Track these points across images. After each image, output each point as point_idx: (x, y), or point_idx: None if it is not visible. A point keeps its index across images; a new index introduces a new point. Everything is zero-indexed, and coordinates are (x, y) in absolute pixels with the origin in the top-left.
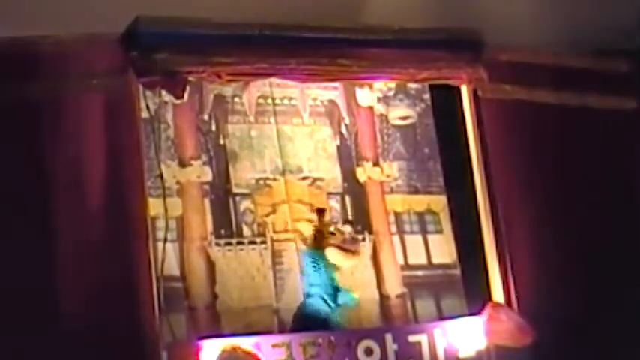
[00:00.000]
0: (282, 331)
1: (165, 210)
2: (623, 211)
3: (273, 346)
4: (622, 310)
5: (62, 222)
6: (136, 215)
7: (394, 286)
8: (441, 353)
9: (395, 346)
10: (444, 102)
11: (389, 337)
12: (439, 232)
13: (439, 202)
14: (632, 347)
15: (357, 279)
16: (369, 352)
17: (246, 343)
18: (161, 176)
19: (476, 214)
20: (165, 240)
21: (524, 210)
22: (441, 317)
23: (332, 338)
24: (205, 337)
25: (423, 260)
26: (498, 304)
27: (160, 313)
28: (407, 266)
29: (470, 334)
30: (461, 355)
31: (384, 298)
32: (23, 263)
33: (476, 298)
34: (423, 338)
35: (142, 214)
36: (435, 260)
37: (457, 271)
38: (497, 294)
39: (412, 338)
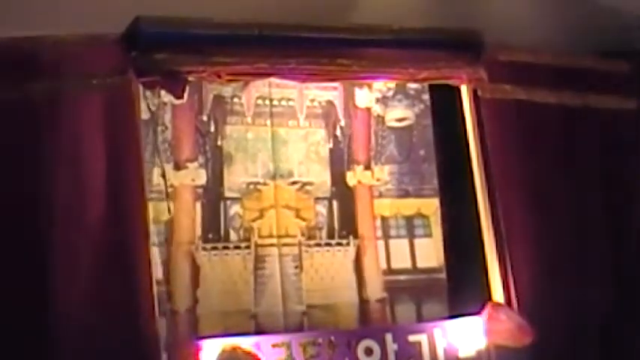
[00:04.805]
0: (258, 334)
1: (169, 210)
2: (624, 211)
3: (273, 346)
4: (622, 310)
5: (61, 222)
6: (136, 216)
7: (375, 291)
8: (440, 353)
9: (395, 346)
10: (444, 102)
11: (389, 337)
12: (428, 235)
13: (431, 205)
14: (632, 347)
15: (337, 283)
16: (369, 352)
17: (246, 343)
18: (164, 177)
19: (476, 214)
20: (167, 241)
21: (524, 210)
22: (420, 321)
23: (332, 338)
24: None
25: (408, 265)
26: (498, 304)
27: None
28: (389, 271)
29: (470, 334)
30: (461, 355)
31: (363, 302)
32: (21, 264)
33: (459, 302)
34: (423, 338)
35: (142, 214)
36: (421, 264)
37: (442, 275)
38: (497, 294)
39: (412, 338)
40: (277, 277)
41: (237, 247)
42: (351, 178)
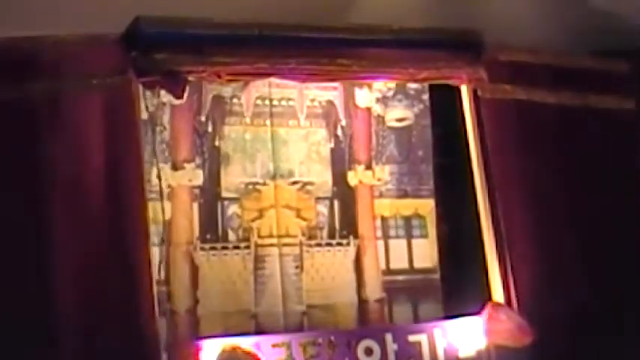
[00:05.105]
0: (258, 334)
1: (163, 211)
2: (624, 211)
3: (273, 346)
4: (623, 310)
5: (61, 222)
6: (136, 216)
7: (374, 291)
8: (440, 353)
9: (395, 346)
10: (444, 102)
11: (389, 337)
12: (424, 236)
13: (427, 205)
14: (632, 347)
15: (337, 283)
16: (369, 352)
17: (246, 343)
18: (159, 178)
19: (475, 214)
20: (163, 242)
21: (524, 210)
22: (417, 322)
23: (332, 338)
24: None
25: (405, 265)
26: (498, 304)
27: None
28: (388, 271)
29: (470, 334)
30: (461, 355)
31: (362, 302)
32: (21, 264)
33: (455, 302)
34: (423, 338)
35: (142, 214)
36: (417, 265)
37: (437, 276)
38: (497, 294)
39: (412, 338)
40: (277, 277)
41: (236, 247)
42: (352, 178)
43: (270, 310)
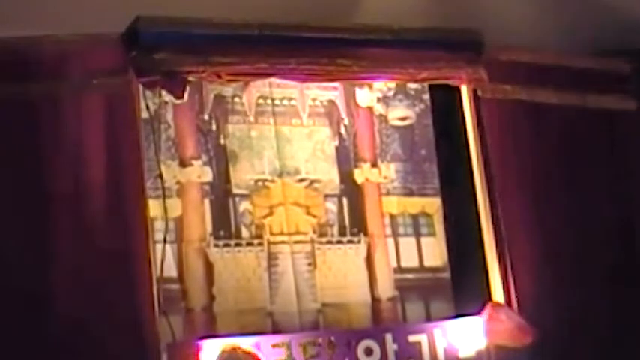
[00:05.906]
0: (275, 332)
1: (165, 210)
2: (624, 211)
3: (273, 346)
4: (622, 311)
5: (61, 222)
6: (136, 215)
7: (386, 289)
8: (441, 353)
9: (395, 346)
10: (444, 102)
11: (389, 337)
12: (432, 234)
13: (433, 204)
14: (632, 348)
15: (350, 281)
16: (369, 352)
17: (246, 343)
18: (161, 177)
19: (476, 214)
20: (164, 241)
21: (525, 209)
22: (429, 320)
23: (332, 338)
24: (205, 337)
25: (415, 263)
26: (498, 304)
27: (159, 314)
28: (399, 269)
29: (470, 334)
30: (461, 355)
31: (375, 301)
32: (22, 263)
33: (464, 300)
34: (423, 338)
35: (142, 214)
36: (427, 263)
37: (447, 275)
38: (497, 294)
39: (412, 338)
40: (290, 274)
41: (249, 244)
42: (358, 176)
43: (285, 308)
